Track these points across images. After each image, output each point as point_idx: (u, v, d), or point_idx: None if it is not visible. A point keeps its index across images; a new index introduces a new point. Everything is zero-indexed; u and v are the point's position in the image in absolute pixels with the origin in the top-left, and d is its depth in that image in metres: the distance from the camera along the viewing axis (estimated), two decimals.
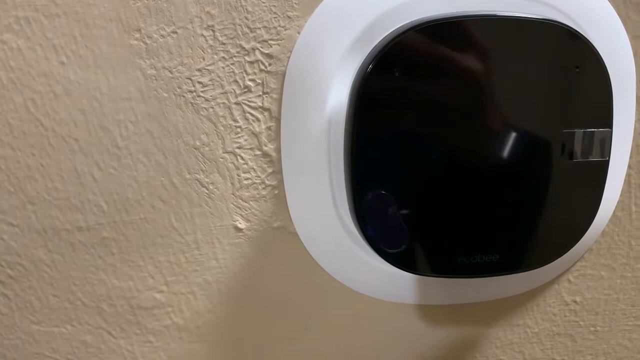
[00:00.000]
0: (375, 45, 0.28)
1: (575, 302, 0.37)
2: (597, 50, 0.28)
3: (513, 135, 0.29)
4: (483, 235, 0.30)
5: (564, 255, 0.32)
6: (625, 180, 0.34)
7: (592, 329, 0.37)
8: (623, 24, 0.31)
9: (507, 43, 0.28)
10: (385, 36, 0.28)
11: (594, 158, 0.29)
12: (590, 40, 0.29)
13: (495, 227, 0.30)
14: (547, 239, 0.31)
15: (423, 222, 0.29)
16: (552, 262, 0.31)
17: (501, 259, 0.30)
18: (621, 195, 0.34)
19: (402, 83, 0.27)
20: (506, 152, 0.29)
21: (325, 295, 0.35)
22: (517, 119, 0.29)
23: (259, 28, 0.30)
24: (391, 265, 0.29)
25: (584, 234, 0.31)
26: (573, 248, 0.32)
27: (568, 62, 0.28)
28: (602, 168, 0.30)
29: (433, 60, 0.27)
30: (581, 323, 0.37)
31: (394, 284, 0.34)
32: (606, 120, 0.29)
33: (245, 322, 0.35)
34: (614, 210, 0.35)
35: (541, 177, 0.30)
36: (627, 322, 0.37)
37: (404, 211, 0.29)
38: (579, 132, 0.29)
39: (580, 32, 0.28)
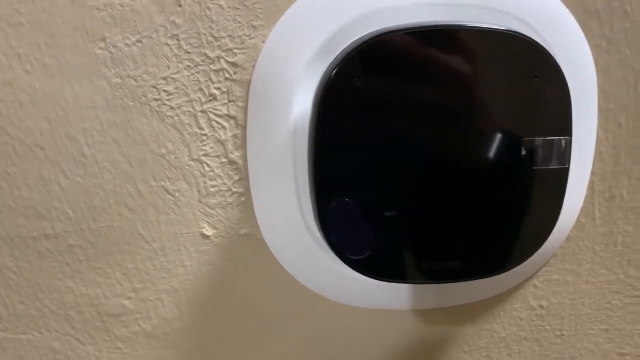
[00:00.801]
0: (337, 55, 0.28)
1: (541, 306, 0.37)
2: (555, 60, 0.29)
3: (474, 143, 0.29)
4: (446, 241, 0.31)
5: (529, 261, 0.32)
6: (588, 187, 0.35)
7: (558, 333, 0.38)
8: (584, 33, 0.32)
9: (468, 53, 0.28)
10: (347, 46, 0.28)
11: (555, 165, 0.30)
12: (552, 50, 0.29)
13: (457, 233, 0.31)
14: (510, 245, 0.31)
15: (386, 228, 0.30)
16: (514, 268, 0.32)
17: (464, 265, 0.31)
18: (585, 201, 0.35)
19: (363, 92, 0.28)
20: (467, 160, 0.29)
21: (293, 301, 0.35)
22: (479, 128, 0.29)
23: (224, 37, 0.30)
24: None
25: (545, 239, 0.31)
26: (538, 253, 0.32)
27: (528, 72, 0.29)
28: (562, 175, 0.30)
29: (393, 70, 0.28)
30: (547, 327, 0.38)
31: (360, 289, 0.35)
32: (566, 128, 0.30)
33: (213, 329, 0.35)
34: (578, 216, 0.35)
35: (503, 184, 0.30)
36: (592, 326, 0.38)
37: (367, 218, 0.29)
38: (539, 140, 0.29)
39: (541, 41, 0.29)
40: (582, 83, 0.32)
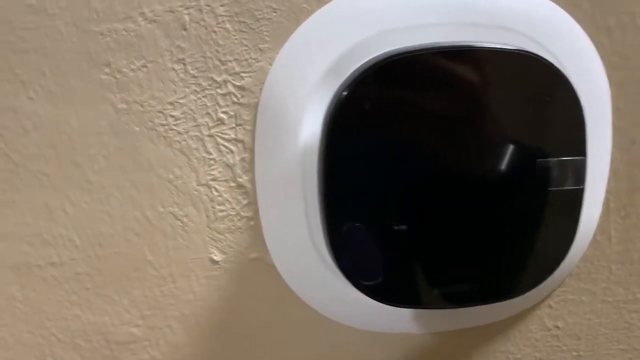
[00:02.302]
0: (347, 77, 0.28)
1: (557, 327, 0.36)
2: (568, 80, 0.28)
3: (488, 166, 0.29)
4: (460, 265, 0.30)
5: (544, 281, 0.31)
6: (604, 205, 0.34)
7: (574, 353, 0.37)
8: (596, 49, 0.32)
9: (480, 74, 0.28)
10: (356, 68, 0.28)
11: (569, 186, 0.29)
12: (565, 68, 0.29)
13: (472, 257, 0.30)
14: (526, 268, 0.31)
15: (399, 253, 0.29)
16: (530, 290, 0.31)
17: (479, 289, 0.30)
18: (600, 220, 0.34)
19: (373, 114, 0.27)
20: (482, 183, 0.29)
21: (304, 325, 0.35)
22: (492, 150, 0.28)
23: (231, 61, 0.30)
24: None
25: (562, 261, 0.31)
26: (553, 274, 0.31)
27: (541, 92, 0.28)
28: (577, 196, 0.30)
29: (403, 91, 0.27)
30: (564, 348, 0.37)
31: (372, 313, 0.34)
32: (580, 148, 0.29)
33: (223, 355, 0.35)
34: (594, 235, 0.35)
35: (518, 207, 0.30)
36: (610, 347, 0.37)
37: (379, 243, 0.29)
38: (553, 161, 0.29)
39: (554, 60, 0.28)
40: (595, 101, 0.32)
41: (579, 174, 0.29)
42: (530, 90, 0.28)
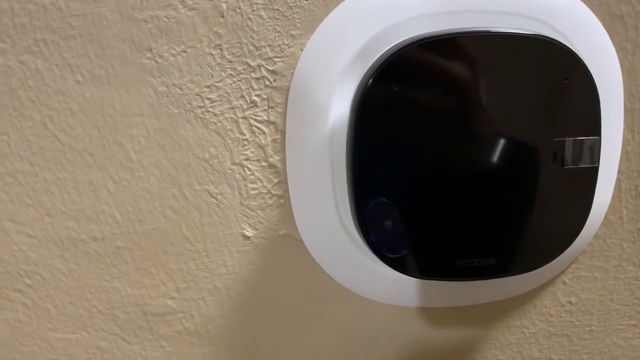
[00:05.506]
0: (374, 62, 0.30)
1: (570, 303, 0.38)
2: (584, 63, 0.30)
3: (507, 144, 0.30)
4: (480, 239, 0.32)
5: (558, 258, 0.33)
6: (615, 186, 0.36)
7: (587, 328, 0.39)
8: (609, 36, 0.33)
9: (500, 57, 0.29)
10: (383, 53, 0.30)
11: (584, 165, 0.31)
12: (579, 53, 0.30)
13: (491, 232, 0.32)
14: (541, 243, 0.32)
15: (422, 227, 0.31)
16: (545, 265, 0.33)
17: (497, 262, 0.32)
18: (612, 199, 0.36)
19: (400, 96, 0.29)
20: (501, 160, 0.30)
21: (329, 298, 0.36)
22: (511, 129, 0.30)
23: (264, 46, 0.32)
24: (392, 270, 0.31)
25: (576, 237, 0.32)
26: (567, 251, 0.33)
27: (558, 75, 0.30)
28: (592, 174, 0.31)
29: (429, 75, 0.29)
30: (577, 323, 0.39)
31: (395, 287, 0.36)
32: (595, 128, 0.31)
33: (253, 327, 0.37)
34: (606, 214, 0.36)
35: (535, 184, 0.31)
36: (621, 322, 0.39)
37: (404, 217, 0.31)
38: (569, 140, 0.30)
39: (569, 45, 0.30)
40: (608, 85, 0.34)
41: (593, 153, 0.31)
42: (548, 74, 0.30)
